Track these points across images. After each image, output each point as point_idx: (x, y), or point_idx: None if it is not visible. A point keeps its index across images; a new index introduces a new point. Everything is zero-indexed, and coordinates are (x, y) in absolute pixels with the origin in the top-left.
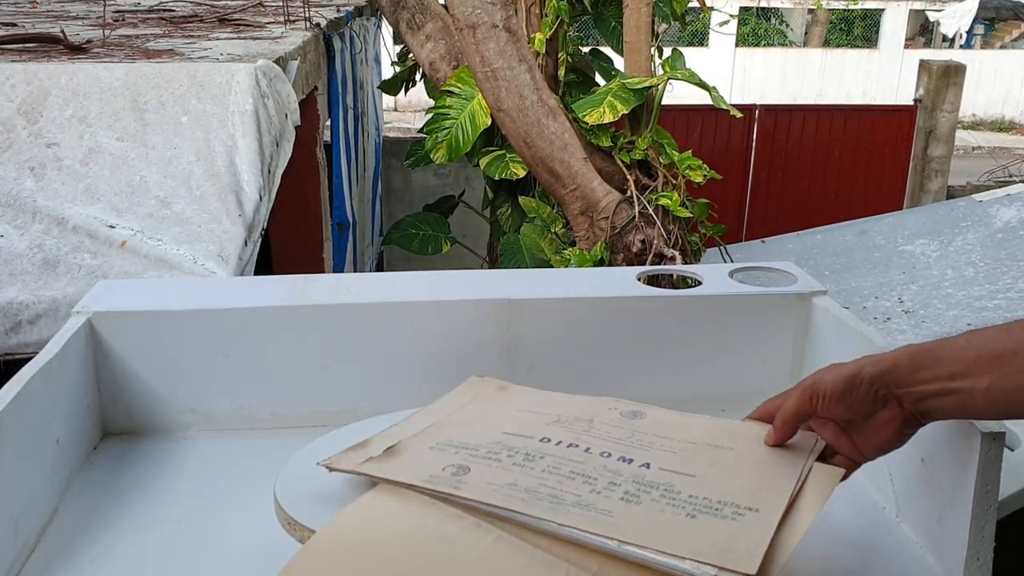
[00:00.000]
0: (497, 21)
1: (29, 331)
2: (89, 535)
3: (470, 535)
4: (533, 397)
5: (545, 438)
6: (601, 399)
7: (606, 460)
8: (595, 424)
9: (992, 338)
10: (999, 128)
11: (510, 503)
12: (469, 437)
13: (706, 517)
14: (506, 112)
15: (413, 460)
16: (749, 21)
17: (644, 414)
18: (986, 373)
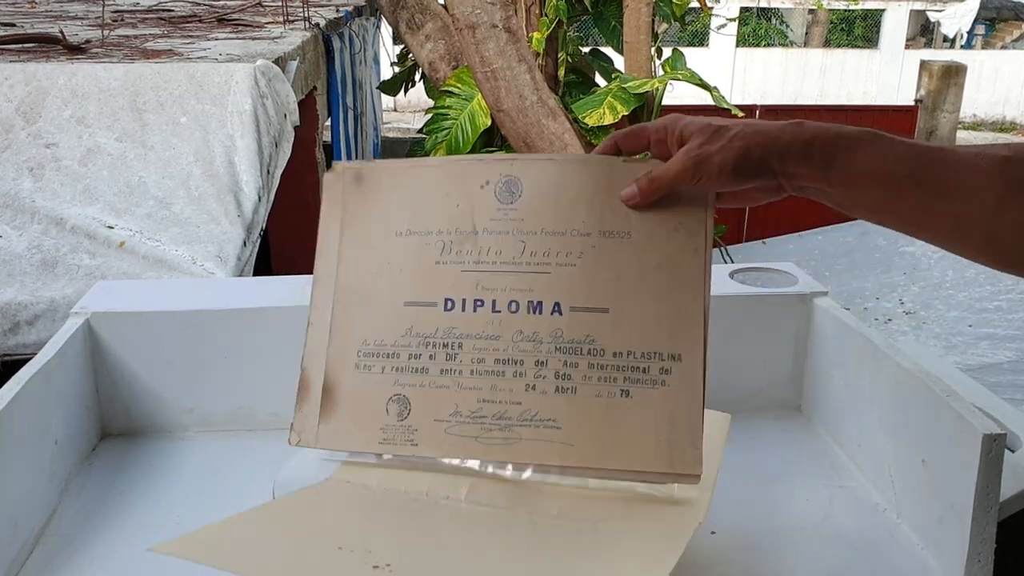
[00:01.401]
0: (497, 21)
1: (28, 332)
2: (88, 536)
3: (429, 516)
4: (398, 193)
5: (448, 300)
6: (469, 164)
7: (520, 320)
8: (479, 235)
9: (902, 157)
10: (1000, 128)
11: (466, 451)
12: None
13: (640, 390)
14: (506, 112)
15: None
16: (750, 21)
17: (518, 181)
18: (880, 188)
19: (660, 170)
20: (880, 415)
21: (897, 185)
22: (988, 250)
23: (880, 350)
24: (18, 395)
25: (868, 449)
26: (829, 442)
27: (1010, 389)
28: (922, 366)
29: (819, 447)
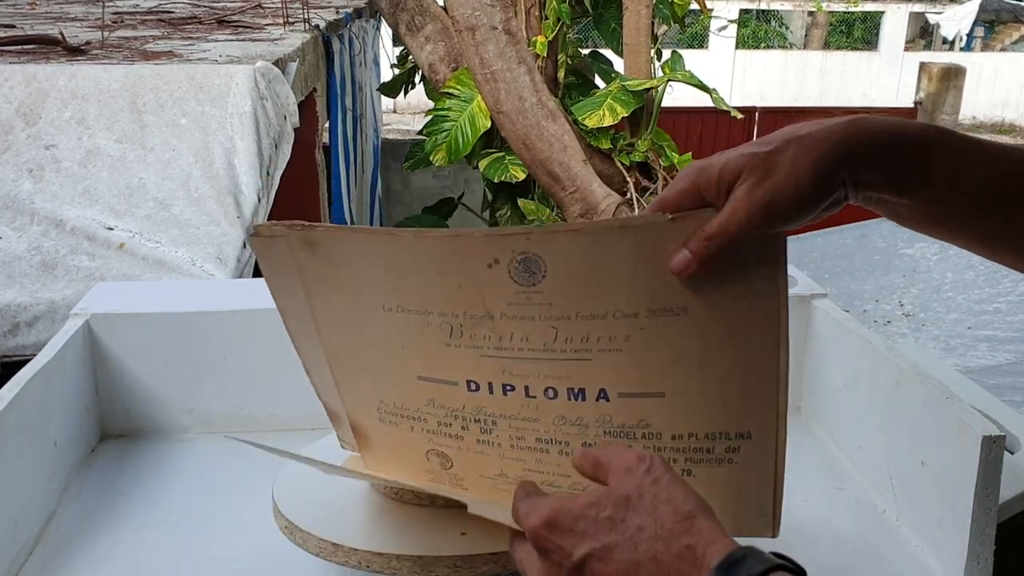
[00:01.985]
0: (496, 23)
1: (27, 333)
2: (87, 537)
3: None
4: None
5: (471, 382)
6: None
7: (560, 406)
8: (496, 319)
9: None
10: (999, 130)
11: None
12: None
13: (702, 469)
14: (505, 114)
15: (391, 448)
16: (749, 23)
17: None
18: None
19: (718, 223)
20: (879, 417)
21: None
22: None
23: (879, 352)
24: (18, 396)
25: (867, 451)
26: (828, 444)
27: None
28: (921, 368)
29: (818, 449)
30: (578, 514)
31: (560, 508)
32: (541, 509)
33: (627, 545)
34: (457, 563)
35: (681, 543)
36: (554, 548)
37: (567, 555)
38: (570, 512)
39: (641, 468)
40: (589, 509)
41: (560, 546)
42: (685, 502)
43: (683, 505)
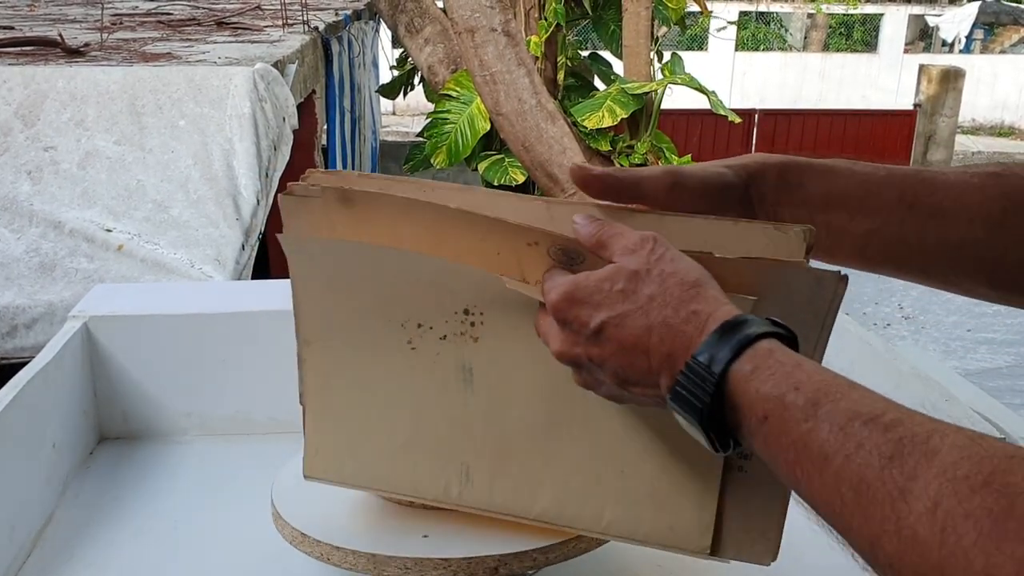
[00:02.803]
0: (496, 25)
1: (25, 335)
2: (85, 540)
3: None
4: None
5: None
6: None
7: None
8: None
9: (886, 181)
10: (998, 133)
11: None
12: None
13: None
14: (505, 116)
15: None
16: (748, 25)
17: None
18: (870, 216)
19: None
20: None
21: (887, 210)
22: (993, 273)
23: (879, 354)
24: (16, 399)
25: None
26: None
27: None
28: (921, 370)
29: None
30: (593, 288)
31: (577, 283)
32: (560, 285)
33: (639, 312)
34: (408, 564)
35: (688, 309)
36: (573, 319)
37: (584, 324)
38: (586, 287)
39: (646, 247)
40: (603, 283)
41: (578, 316)
42: (690, 273)
43: (689, 275)
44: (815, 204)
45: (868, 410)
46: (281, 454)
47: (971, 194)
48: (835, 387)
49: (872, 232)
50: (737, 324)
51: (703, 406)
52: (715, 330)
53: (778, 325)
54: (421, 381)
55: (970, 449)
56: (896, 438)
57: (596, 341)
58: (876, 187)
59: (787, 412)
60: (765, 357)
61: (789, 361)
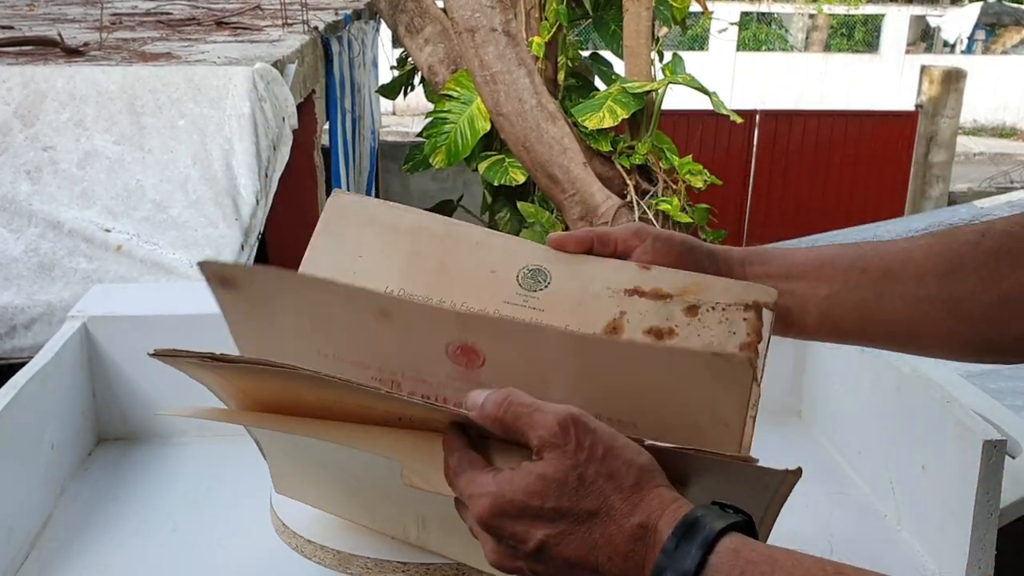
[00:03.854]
0: (496, 25)
1: (24, 335)
2: (83, 542)
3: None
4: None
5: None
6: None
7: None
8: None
9: (840, 252)
10: (1000, 134)
11: None
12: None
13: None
14: (505, 116)
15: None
16: (750, 26)
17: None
18: (827, 282)
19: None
20: (880, 421)
21: (843, 275)
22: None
23: (880, 355)
24: (14, 399)
25: (868, 455)
26: (829, 448)
27: (1010, 395)
28: (922, 372)
29: (819, 453)
30: (522, 504)
31: (503, 496)
32: (481, 497)
33: (582, 530)
34: (369, 564)
35: (632, 523)
36: (507, 535)
37: (522, 541)
38: (513, 502)
39: (570, 442)
40: (531, 499)
41: (513, 532)
42: (627, 474)
43: (626, 479)
44: (777, 275)
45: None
46: None
47: (917, 252)
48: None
49: (832, 296)
50: (690, 527)
51: None
52: (668, 542)
53: (727, 509)
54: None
55: None
56: None
57: (538, 559)
58: (830, 257)
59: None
60: (732, 561)
61: (761, 560)
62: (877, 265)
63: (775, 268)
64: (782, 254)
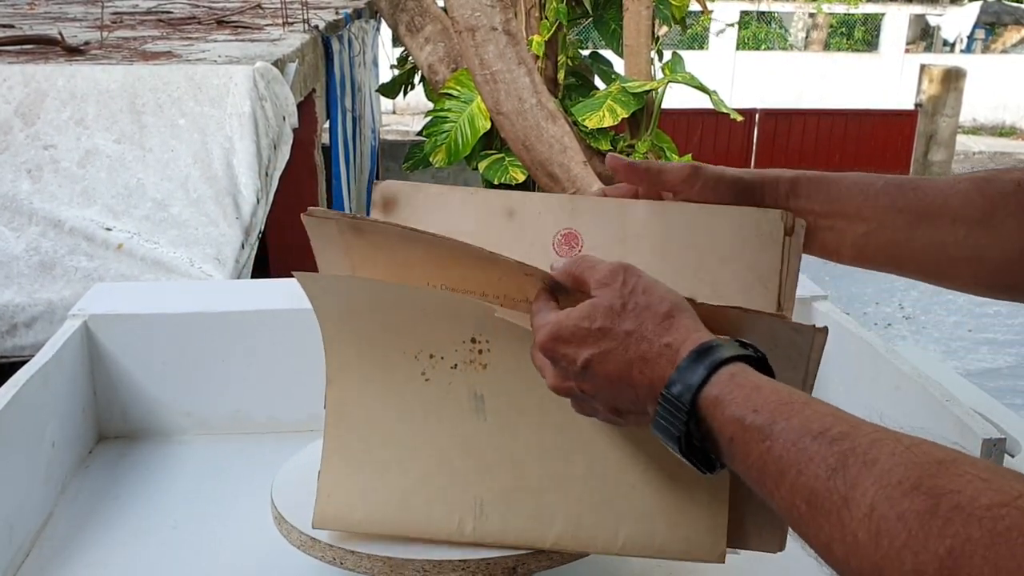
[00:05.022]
0: (496, 24)
1: (25, 334)
2: (84, 539)
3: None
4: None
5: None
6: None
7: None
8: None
9: (882, 190)
10: (999, 133)
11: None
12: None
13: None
14: (505, 115)
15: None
16: (749, 25)
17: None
18: (865, 221)
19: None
20: (880, 420)
21: (881, 215)
22: (978, 271)
23: (880, 355)
24: (15, 398)
25: None
26: None
27: (1010, 394)
28: (922, 371)
29: None
30: (574, 327)
31: (560, 322)
32: (545, 326)
33: (620, 348)
34: (426, 567)
35: (662, 341)
36: (560, 357)
37: (572, 361)
38: (567, 326)
39: (618, 280)
40: (582, 321)
41: (565, 354)
42: (662, 304)
43: (661, 307)
44: (818, 211)
45: (818, 426)
46: (280, 453)
47: (955, 198)
48: (789, 406)
49: (868, 234)
50: (704, 351)
51: (680, 434)
52: (683, 360)
53: (746, 347)
54: (435, 412)
55: (904, 456)
56: (840, 450)
57: (584, 376)
58: (872, 195)
59: (747, 433)
60: (727, 382)
61: (748, 384)
62: (915, 207)
63: (818, 204)
64: (827, 187)
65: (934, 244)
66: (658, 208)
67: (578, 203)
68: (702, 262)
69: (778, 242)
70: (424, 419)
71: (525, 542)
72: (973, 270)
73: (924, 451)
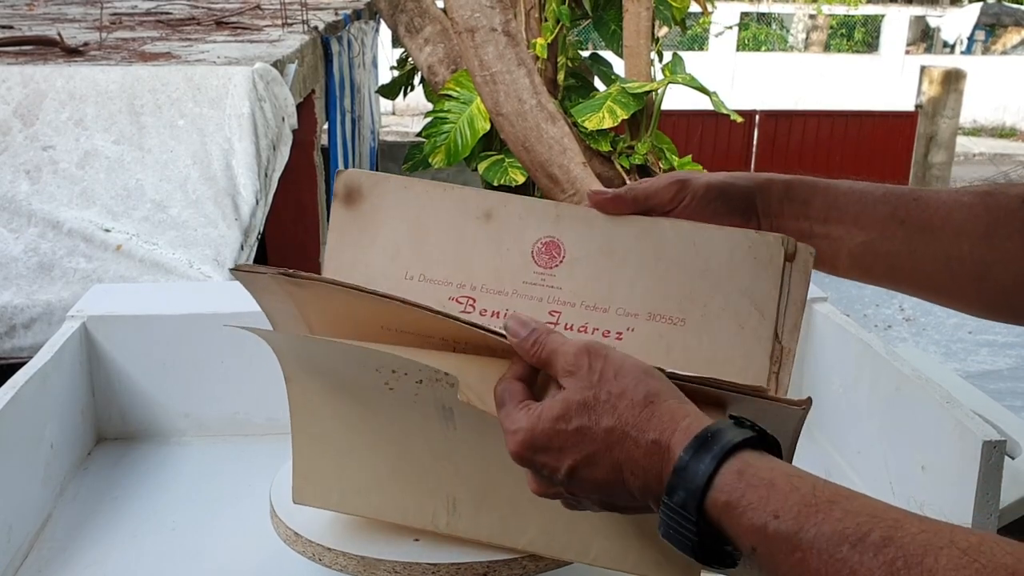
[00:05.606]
0: (496, 25)
1: (24, 335)
2: (83, 541)
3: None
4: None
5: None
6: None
7: None
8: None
9: (881, 198)
10: (1000, 134)
11: None
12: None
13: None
14: (505, 116)
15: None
16: (749, 26)
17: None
18: (864, 230)
19: (640, 185)
20: (880, 422)
21: (881, 225)
22: (982, 290)
23: (880, 356)
24: (13, 399)
25: (867, 456)
26: (828, 449)
27: (1010, 396)
28: (922, 373)
29: (818, 453)
30: (550, 432)
31: (532, 430)
32: (516, 433)
33: (604, 450)
34: (397, 568)
35: (648, 439)
36: (541, 466)
37: (555, 470)
38: (543, 432)
39: (583, 367)
40: (558, 424)
41: (545, 463)
42: (637, 388)
43: (636, 394)
44: (816, 218)
45: (854, 530)
46: (279, 455)
47: (959, 211)
48: (815, 506)
49: (866, 244)
50: (700, 445)
51: (692, 544)
52: (679, 460)
53: (742, 423)
54: (402, 417)
55: (968, 569)
56: (889, 560)
57: (571, 483)
58: (871, 203)
59: (772, 544)
60: (736, 483)
61: (760, 482)
62: (916, 218)
63: (815, 210)
64: (823, 192)
65: (936, 258)
66: (649, 225)
67: (564, 211)
68: (693, 286)
69: (777, 268)
70: (389, 422)
71: (498, 542)
72: (976, 288)
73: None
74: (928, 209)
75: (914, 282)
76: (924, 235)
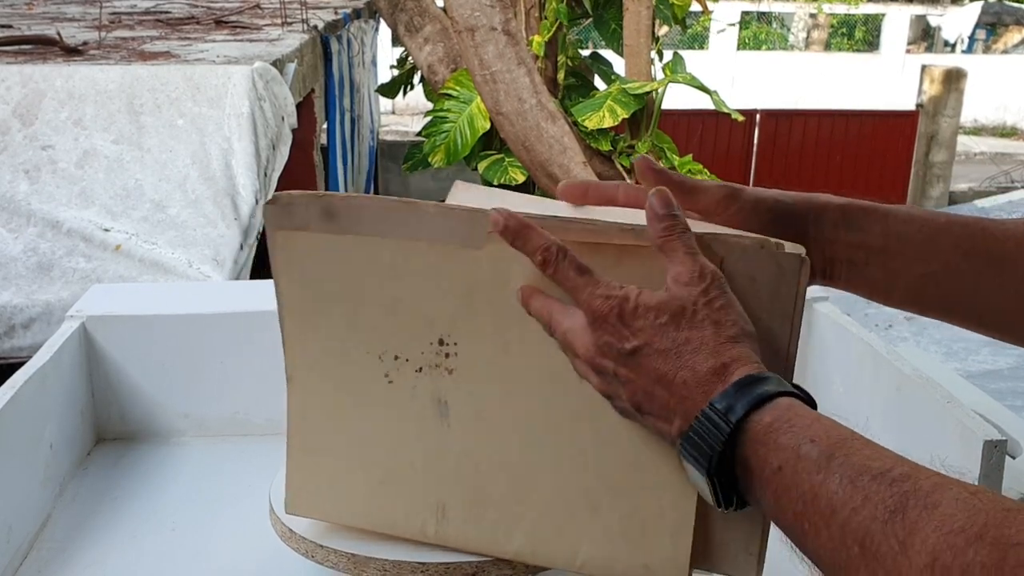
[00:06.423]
0: (496, 24)
1: (23, 335)
2: (82, 541)
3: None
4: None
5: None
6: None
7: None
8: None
9: (944, 227)
10: (1000, 133)
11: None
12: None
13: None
14: (505, 115)
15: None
16: (750, 25)
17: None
18: (925, 261)
19: (694, 178)
20: (881, 421)
21: (944, 256)
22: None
23: (881, 356)
24: (13, 399)
25: None
26: None
27: (1011, 396)
28: (923, 372)
29: None
30: (641, 312)
31: (630, 298)
32: (614, 290)
33: (672, 351)
34: (386, 567)
35: (718, 360)
36: (612, 331)
37: (624, 339)
38: (635, 307)
39: (700, 285)
40: (650, 311)
41: (619, 331)
42: (732, 326)
43: (729, 329)
44: (873, 247)
45: (879, 464)
46: (279, 455)
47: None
48: (850, 442)
49: (927, 276)
50: (759, 379)
51: (714, 453)
52: (736, 381)
53: (797, 388)
54: (398, 416)
55: (968, 502)
56: (901, 492)
57: (626, 361)
58: (933, 233)
59: (801, 463)
60: (785, 410)
61: (808, 415)
62: (981, 249)
63: (874, 239)
64: (882, 220)
65: (1005, 295)
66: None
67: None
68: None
69: (793, 282)
70: (385, 422)
71: (486, 550)
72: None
73: (989, 498)
74: (995, 240)
75: (976, 317)
76: (991, 269)
